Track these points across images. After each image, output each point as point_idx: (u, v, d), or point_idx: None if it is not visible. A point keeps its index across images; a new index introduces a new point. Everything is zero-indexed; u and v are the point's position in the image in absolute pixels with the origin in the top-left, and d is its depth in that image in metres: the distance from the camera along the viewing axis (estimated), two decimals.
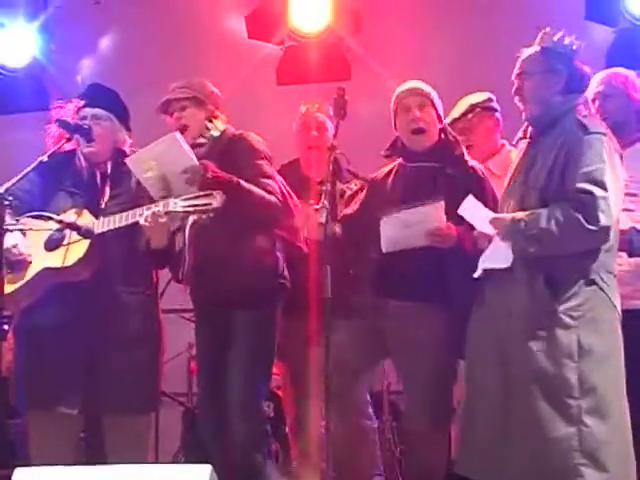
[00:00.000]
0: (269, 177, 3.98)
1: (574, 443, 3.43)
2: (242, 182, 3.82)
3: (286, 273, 4.07)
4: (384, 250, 3.90)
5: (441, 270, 3.87)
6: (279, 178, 4.06)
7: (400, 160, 4.17)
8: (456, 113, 4.57)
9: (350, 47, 6.07)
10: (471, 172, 4.06)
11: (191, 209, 3.65)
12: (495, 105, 4.65)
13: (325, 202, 3.56)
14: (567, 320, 3.51)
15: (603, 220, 3.44)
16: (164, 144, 3.77)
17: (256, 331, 3.97)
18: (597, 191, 3.45)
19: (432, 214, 3.84)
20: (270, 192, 3.91)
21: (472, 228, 3.76)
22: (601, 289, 3.55)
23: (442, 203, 3.83)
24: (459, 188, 3.86)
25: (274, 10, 6.13)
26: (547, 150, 3.63)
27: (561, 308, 3.50)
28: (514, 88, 3.75)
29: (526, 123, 3.80)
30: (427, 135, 4.08)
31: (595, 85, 4.20)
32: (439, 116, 4.13)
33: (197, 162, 3.75)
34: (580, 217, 3.43)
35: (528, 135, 3.78)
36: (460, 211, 3.74)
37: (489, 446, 3.56)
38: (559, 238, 3.47)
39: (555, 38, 3.69)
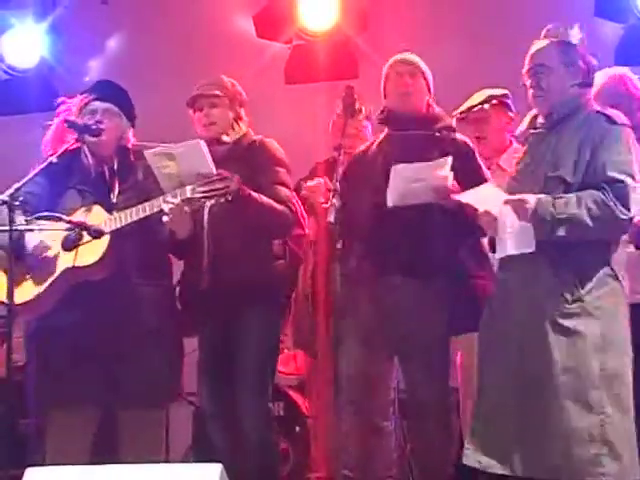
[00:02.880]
0: (285, 185, 4.04)
1: (595, 432, 3.43)
2: (253, 193, 3.87)
3: (292, 277, 4.17)
4: (390, 204, 3.83)
5: (429, 242, 3.89)
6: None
7: (386, 131, 4.18)
8: (474, 101, 4.58)
9: (358, 45, 6.07)
10: (459, 141, 4.09)
11: (209, 194, 3.69)
12: (510, 102, 4.64)
13: (334, 201, 3.56)
14: (592, 310, 3.50)
15: (633, 210, 3.47)
16: (187, 147, 3.80)
17: (264, 332, 4.01)
18: (629, 181, 3.48)
19: (439, 169, 3.82)
20: (283, 200, 3.97)
21: None
22: (617, 279, 3.55)
23: (449, 159, 3.81)
24: (448, 155, 3.86)
25: (282, 9, 6.14)
26: (567, 140, 3.60)
27: (587, 298, 3.50)
28: (530, 80, 3.70)
29: (531, 115, 3.78)
30: (414, 99, 4.12)
31: (598, 92, 4.19)
32: (429, 88, 4.18)
33: (215, 170, 3.77)
34: (612, 205, 3.44)
35: (537, 127, 3.74)
36: (462, 196, 3.69)
37: (509, 437, 3.53)
38: (589, 224, 3.45)
39: (572, 32, 3.68)
